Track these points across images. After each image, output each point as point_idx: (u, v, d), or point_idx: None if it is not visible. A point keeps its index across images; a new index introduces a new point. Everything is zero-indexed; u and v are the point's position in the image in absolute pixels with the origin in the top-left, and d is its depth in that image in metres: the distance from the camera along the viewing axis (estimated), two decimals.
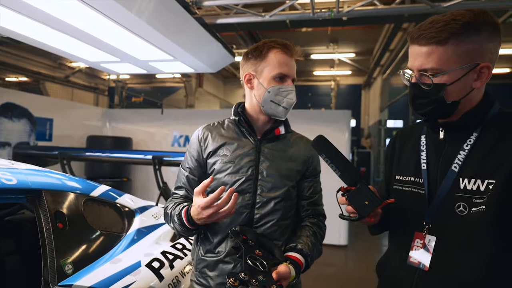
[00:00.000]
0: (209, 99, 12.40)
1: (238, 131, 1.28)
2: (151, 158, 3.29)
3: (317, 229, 1.27)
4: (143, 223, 1.88)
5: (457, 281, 0.89)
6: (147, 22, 3.25)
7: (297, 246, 1.16)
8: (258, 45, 1.25)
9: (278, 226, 1.20)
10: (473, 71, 0.89)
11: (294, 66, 1.24)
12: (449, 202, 0.92)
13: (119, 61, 4.58)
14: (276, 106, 1.21)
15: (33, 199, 1.40)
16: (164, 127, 6.64)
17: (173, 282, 1.64)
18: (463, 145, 0.93)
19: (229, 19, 4.27)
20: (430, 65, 0.89)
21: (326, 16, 3.77)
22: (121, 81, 9.03)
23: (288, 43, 1.23)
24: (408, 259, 0.98)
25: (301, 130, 1.40)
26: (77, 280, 1.31)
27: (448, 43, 0.87)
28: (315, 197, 1.31)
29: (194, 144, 1.29)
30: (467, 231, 0.88)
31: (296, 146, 1.30)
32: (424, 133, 1.06)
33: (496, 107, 0.95)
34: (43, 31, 3.50)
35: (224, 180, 1.20)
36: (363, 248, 5.66)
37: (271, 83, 1.20)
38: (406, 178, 1.06)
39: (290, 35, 8.56)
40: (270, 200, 1.20)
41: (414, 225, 0.99)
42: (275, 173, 1.21)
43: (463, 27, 0.86)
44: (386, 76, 9.67)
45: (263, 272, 0.96)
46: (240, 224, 1.17)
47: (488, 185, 0.86)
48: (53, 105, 6.10)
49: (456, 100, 0.92)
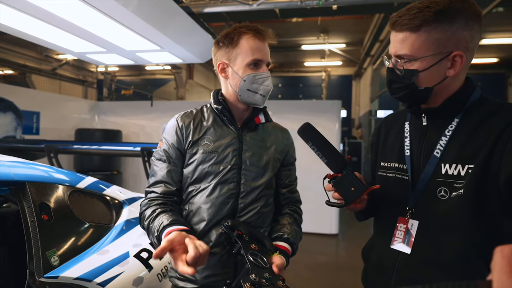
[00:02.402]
0: (200, 91, 12.31)
1: (218, 120, 1.24)
2: (140, 150, 3.26)
3: (297, 216, 1.30)
4: (132, 214, 1.87)
5: (437, 262, 0.91)
6: (133, 11, 3.19)
7: (283, 236, 1.18)
8: (229, 32, 1.19)
9: (260, 213, 1.20)
10: (446, 59, 0.90)
11: (268, 50, 1.20)
12: (431, 187, 0.93)
13: (105, 51, 4.51)
14: (254, 94, 1.18)
15: (16, 191, 1.38)
16: (154, 120, 6.59)
17: (162, 272, 1.64)
18: (445, 131, 0.95)
19: (217, 8, 4.23)
20: (403, 51, 0.91)
21: (314, 5, 3.76)
22: (109, 74, 8.90)
23: (260, 27, 1.18)
24: (392, 243, 1.00)
25: (292, 120, 1.40)
26: (64, 272, 1.31)
27: (420, 30, 0.88)
28: (292, 185, 1.33)
29: (172, 132, 1.21)
30: (447, 215, 0.90)
31: (274, 135, 1.30)
32: (408, 120, 1.07)
33: (476, 93, 0.96)
34: (27, 22, 3.42)
35: (208, 170, 1.17)
36: (354, 237, 5.74)
37: (246, 71, 1.16)
38: (390, 164, 1.07)
39: (280, 26, 8.51)
40: (254, 189, 1.20)
41: (397, 210, 1.01)
42: (258, 162, 1.21)
43: (435, 14, 0.86)
44: (376, 66, 9.72)
45: (266, 269, 0.98)
46: (225, 214, 1.16)
47: (468, 169, 0.88)
48: (39, 98, 5.99)
49: (429, 87, 0.93)
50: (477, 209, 0.86)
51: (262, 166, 1.22)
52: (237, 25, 1.21)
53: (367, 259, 1.15)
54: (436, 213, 0.92)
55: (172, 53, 4.60)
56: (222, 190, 1.17)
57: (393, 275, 0.98)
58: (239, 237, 1.05)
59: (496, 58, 10.90)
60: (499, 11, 6.46)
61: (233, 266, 1.16)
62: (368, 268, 1.14)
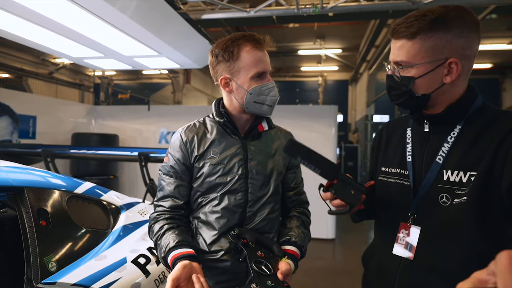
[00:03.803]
0: (197, 95, 12.32)
1: (222, 131, 1.24)
2: (137, 155, 3.26)
3: (304, 217, 1.30)
4: (129, 219, 1.87)
5: (440, 269, 0.91)
6: (131, 17, 3.21)
7: (291, 239, 1.19)
8: (227, 45, 1.16)
9: (268, 220, 1.21)
10: (442, 66, 0.91)
11: (268, 58, 1.19)
12: (433, 194, 0.94)
13: (103, 56, 4.52)
14: (261, 106, 1.18)
15: (14, 196, 1.38)
16: (151, 124, 6.58)
17: (159, 277, 1.65)
18: (447, 137, 0.95)
19: (214, 15, 4.26)
20: (400, 58, 0.94)
21: (311, 12, 3.81)
22: (106, 78, 8.92)
23: (258, 37, 1.17)
24: (394, 249, 1.00)
25: (289, 125, 1.41)
26: (61, 278, 1.31)
27: (416, 38, 0.90)
28: (299, 187, 1.33)
29: (176, 148, 1.22)
30: (449, 221, 0.90)
31: (278, 140, 1.30)
32: (410, 126, 1.08)
33: (479, 100, 0.96)
34: (24, 27, 3.42)
35: (216, 182, 1.18)
36: (350, 241, 5.75)
37: (251, 84, 1.16)
38: (391, 170, 1.07)
39: (277, 31, 8.56)
40: (261, 197, 1.21)
41: (399, 216, 1.01)
42: (264, 170, 1.22)
43: (430, 23, 0.88)
44: (372, 71, 9.79)
45: (270, 276, 0.99)
46: (234, 223, 1.18)
47: (470, 177, 0.88)
48: (36, 102, 5.98)
49: (426, 93, 0.94)
50: (479, 216, 0.87)
51: (268, 174, 1.22)
52: (234, 35, 1.18)
53: (367, 264, 1.14)
54: (438, 220, 0.93)
55: (169, 59, 4.62)
56: (230, 200, 1.18)
57: (395, 280, 0.98)
58: (244, 245, 1.07)
59: (490, 64, 11.02)
60: (493, 17, 6.56)
61: (245, 273, 1.17)
62: (368, 273, 1.14)
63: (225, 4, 4.09)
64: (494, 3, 3.66)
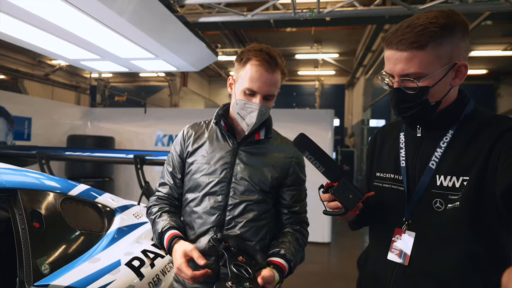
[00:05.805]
0: (194, 98, 12.33)
1: (219, 133, 1.27)
2: (133, 157, 3.25)
3: (300, 235, 1.25)
4: (124, 222, 1.86)
5: (434, 275, 0.91)
6: (128, 19, 3.22)
7: (280, 252, 1.16)
8: (243, 51, 1.20)
9: (249, 227, 1.20)
10: (451, 70, 0.91)
11: (272, 82, 1.15)
12: (426, 199, 0.94)
13: (100, 58, 4.51)
14: (241, 120, 1.19)
15: (7, 198, 1.37)
16: (148, 127, 6.56)
17: (153, 280, 1.63)
18: (440, 142, 0.95)
19: (212, 18, 4.27)
20: (413, 70, 0.89)
21: (307, 17, 3.83)
22: (103, 80, 8.89)
23: (271, 55, 1.14)
24: (388, 255, 1.00)
25: (286, 129, 1.41)
26: (54, 280, 1.30)
27: (428, 47, 0.87)
28: (297, 206, 1.28)
29: (179, 140, 1.31)
30: (443, 226, 0.90)
31: (278, 152, 1.27)
32: (403, 131, 1.08)
33: (471, 105, 0.97)
34: (21, 28, 3.42)
35: (198, 181, 1.22)
36: (346, 246, 5.75)
37: (241, 96, 1.17)
38: (386, 175, 1.07)
39: (274, 35, 8.60)
40: (242, 202, 1.20)
41: (394, 221, 1.01)
42: (249, 177, 1.20)
43: (440, 29, 0.87)
44: (369, 76, 9.86)
45: (248, 279, 0.97)
46: (212, 225, 1.19)
47: (462, 181, 0.88)
48: (31, 103, 5.95)
49: (438, 100, 0.93)
50: (473, 222, 0.87)
51: (255, 181, 1.21)
52: (256, 45, 1.18)
53: (362, 269, 1.14)
54: (432, 225, 0.93)
55: (166, 61, 4.62)
56: (210, 201, 1.20)
57: (389, 286, 0.98)
58: (225, 249, 1.05)
59: (485, 70, 11.14)
60: (488, 24, 6.64)
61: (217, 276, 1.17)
62: (363, 278, 1.14)
63: (223, 8, 4.10)
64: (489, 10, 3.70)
